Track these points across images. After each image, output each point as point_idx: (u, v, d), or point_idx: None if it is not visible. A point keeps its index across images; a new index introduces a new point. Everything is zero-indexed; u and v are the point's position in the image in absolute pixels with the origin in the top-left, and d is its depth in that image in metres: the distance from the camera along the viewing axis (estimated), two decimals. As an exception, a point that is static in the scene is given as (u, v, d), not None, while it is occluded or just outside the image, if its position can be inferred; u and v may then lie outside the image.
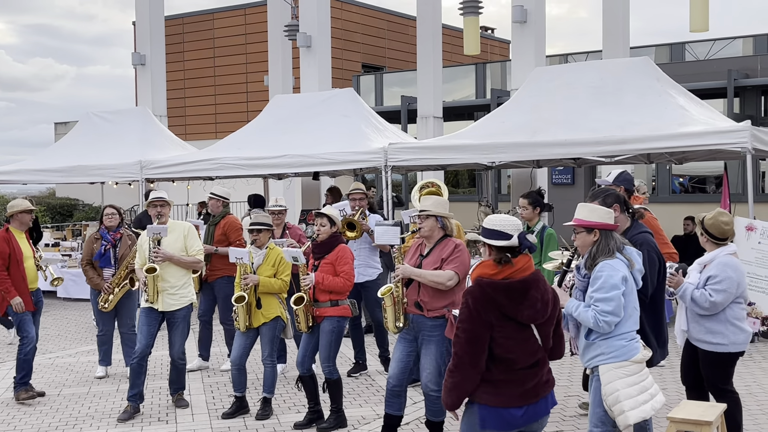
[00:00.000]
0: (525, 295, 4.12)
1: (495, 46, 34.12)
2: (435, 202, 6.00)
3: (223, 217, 9.03)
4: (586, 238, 4.87)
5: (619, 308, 4.64)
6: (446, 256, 5.85)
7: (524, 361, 4.15)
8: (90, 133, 15.42)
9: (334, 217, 6.78)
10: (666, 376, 8.12)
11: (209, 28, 29.92)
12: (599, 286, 4.67)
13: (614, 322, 4.65)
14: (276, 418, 7.05)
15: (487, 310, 4.07)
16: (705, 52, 22.20)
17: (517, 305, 4.10)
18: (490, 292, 4.09)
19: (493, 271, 4.15)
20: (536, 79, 11.92)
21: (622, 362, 4.69)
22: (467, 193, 24.63)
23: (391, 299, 5.97)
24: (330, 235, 6.73)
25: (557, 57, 24.30)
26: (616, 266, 4.70)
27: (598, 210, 4.87)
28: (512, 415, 4.12)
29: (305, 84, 16.54)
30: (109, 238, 8.45)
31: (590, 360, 4.80)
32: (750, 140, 9.39)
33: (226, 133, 16.05)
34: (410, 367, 6.06)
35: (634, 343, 4.74)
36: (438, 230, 5.97)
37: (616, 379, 4.67)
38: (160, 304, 7.31)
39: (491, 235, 4.20)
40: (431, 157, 11.67)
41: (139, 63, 18.56)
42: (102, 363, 8.82)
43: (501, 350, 4.11)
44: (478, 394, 4.15)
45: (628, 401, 4.62)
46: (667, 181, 20.34)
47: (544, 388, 4.22)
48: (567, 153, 10.87)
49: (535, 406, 4.17)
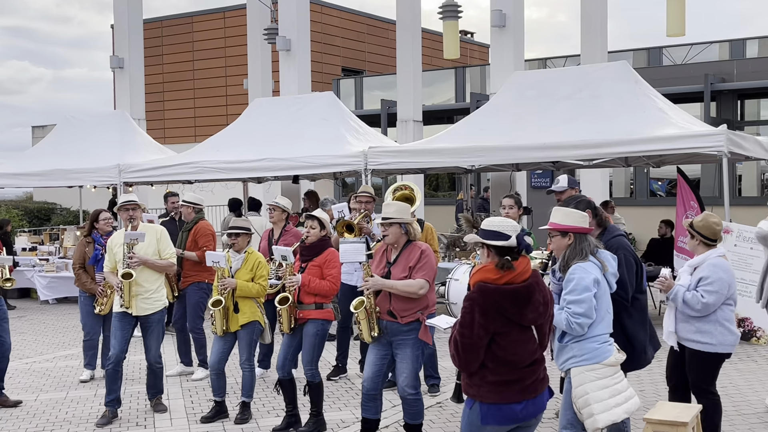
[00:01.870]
0: (530, 299, 4.14)
1: (474, 50, 34.24)
2: (398, 209, 6.00)
3: (196, 223, 9.01)
4: (560, 241, 4.89)
5: (590, 310, 4.66)
6: (414, 263, 5.86)
7: (525, 361, 4.18)
8: (68, 137, 15.32)
9: (324, 219, 6.77)
10: (643, 377, 8.17)
11: (188, 31, 29.82)
12: (571, 289, 4.70)
13: (586, 324, 4.67)
14: (255, 422, 7.03)
15: (492, 317, 4.08)
16: (682, 56, 22.40)
17: (521, 310, 4.12)
18: (497, 298, 4.09)
19: (496, 275, 4.14)
20: (514, 83, 11.98)
21: (593, 365, 4.69)
22: (447, 196, 24.68)
23: (365, 312, 5.98)
24: (319, 238, 6.72)
25: (536, 61, 24.42)
26: (588, 269, 4.73)
27: (573, 214, 4.91)
28: (512, 410, 4.16)
29: (285, 87, 16.53)
30: (102, 242, 8.37)
31: (563, 363, 4.82)
32: (726, 144, 9.49)
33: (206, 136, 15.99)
34: (384, 371, 6.06)
35: (606, 346, 4.75)
36: (402, 236, 5.98)
37: (587, 381, 4.68)
38: (134, 308, 7.26)
39: (489, 235, 4.21)
40: (411, 160, 11.71)
41: (118, 66, 18.46)
42: (88, 367, 8.75)
43: (504, 353, 4.12)
44: (480, 393, 4.17)
45: (598, 404, 4.62)
46: (645, 185, 20.50)
47: (541, 384, 4.27)
48: (546, 156, 10.94)
49: (533, 401, 4.22)
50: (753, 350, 9.44)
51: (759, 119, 20.68)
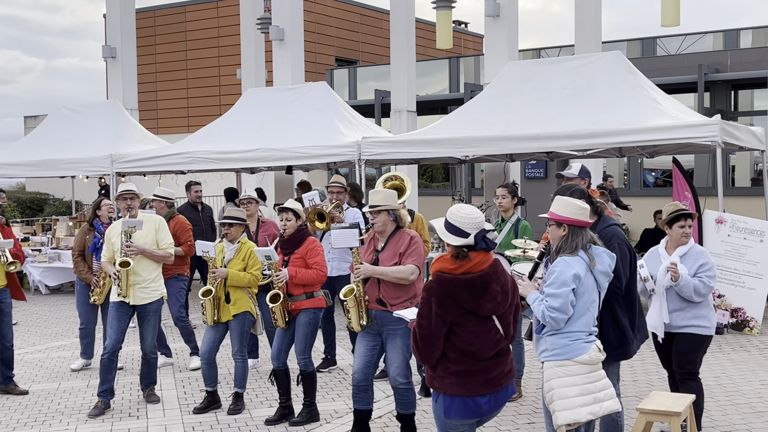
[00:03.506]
0: (486, 289, 4.13)
1: (468, 41, 34.19)
2: (385, 195, 5.99)
3: (171, 218, 8.89)
4: (555, 231, 4.84)
5: (566, 306, 4.56)
6: (403, 249, 5.86)
7: (487, 352, 4.17)
8: (60, 127, 15.25)
9: (299, 210, 6.74)
10: (636, 367, 8.19)
11: (181, 21, 29.69)
12: (551, 282, 4.62)
13: (561, 319, 4.57)
14: (248, 413, 7.02)
15: (448, 307, 4.08)
16: (676, 46, 22.39)
17: (478, 300, 4.11)
18: (452, 288, 4.09)
19: (453, 265, 4.14)
20: (508, 73, 11.95)
21: (563, 361, 4.59)
22: (441, 187, 24.67)
23: (354, 300, 5.96)
24: (296, 229, 6.70)
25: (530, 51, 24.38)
26: (572, 263, 4.63)
27: (572, 205, 4.79)
28: (477, 403, 4.15)
29: (278, 77, 16.47)
30: (103, 230, 8.34)
31: (539, 354, 4.78)
32: (720, 134, 9.49)
33: (198, 126, 15.95)
34: (374, 362, 6.06)
35: (579, 344, 4.61)
36: (391, 223, 5.98)
37: (554, 377, 4.60)
38: (131, 297, 7.24)
39: (450, 229, 4.20)
40: (405, 150, 11.68)
41: (110, 56, 18.36)
42: (83, 356, 8.76)
43: (462, 343, 4.13)
44: (443, 386, 4.17)
45: (561, 401, 4.53)
46: (639, 175, 20.51)
47: (507, 377, 4.26)
48: (540, 147, 10.93)
49: (497, 394, 4.21)
50: (746, 340, 9.46)
51: (753, 110, 20.70)
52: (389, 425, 6.56)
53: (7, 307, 7.85)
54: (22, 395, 7.77)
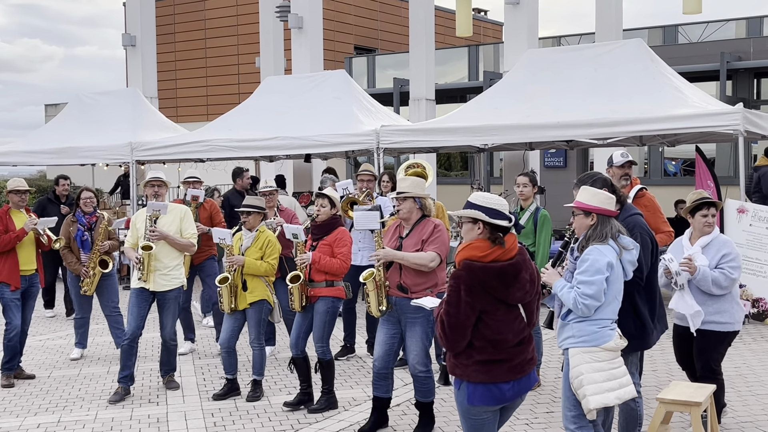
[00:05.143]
0: (516, 277, 4.12)
1: (488, 28, 34.01)
2: (412, 183, 5.98)
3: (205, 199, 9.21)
4: (583, 221, 4.85)
5: (599, 293, 4.60)
6: (426, 237, 5.85)
7: (512, 340, 4.17)
8: (80, 115, 15.31)
9: (335, 198, 6.74)
10: (656, 357, 8.14)
11: (200, 9, 29.72)
12: (584, 269, 4.65)
13: (593, 306, 4.61)
14: (267, 400, 7.05)
15: (478, 296, 4.06)
16: (698, 34, 22.17)
17: (508, 288, 4.10)
18: (482, 276, 4.07)
19: (483, 253, 4.12)
20: (528, 61, 11.88)
21: (591, 347, 4.64)
22: (459, 175, 24.61)
23: (374, 283, 5.96)
24: (330, 217, 6.70)
25: (550, 39, 24.23)
26: (604, 251, 4.67)
27: (600, 195, 4.84)
28: (500, 390, 4.15)
29: (297, 66, 16.46)
30: (84, 222, 8.42)
31: (563, 341, 4.79)
32: (742, 123, 9.39)
33: (218, 114, 15.96)
34: (395, 350, 6.06)
35: (606, 331, 4.68)
36: (417, 211, 5.97)
37: (582, 363, 4.64)
38: (151, 283, 7.28)
39: (494, 214, 4.17)
40: (423, 139, 11.64)
41: (130, 44, 18.41)
42: (78, 345, 8.86)
43: (490, 332, 4.12)
44: (467, 373, 4.16)
45: (591, 386, 4.59)
46: (659, 164, 20.36)
47: (529, 364, 4.26)
48: (560, 135, 10.86)
49: (520, 381, 4.21)
50: (767, 330, 9.38)
51: (775, 98, 20.48)
52: (407, 413, 6.57)
53: (35, 292, 7.98)
54: (29, 380, 7.85)
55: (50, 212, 10.60)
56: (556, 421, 6.31)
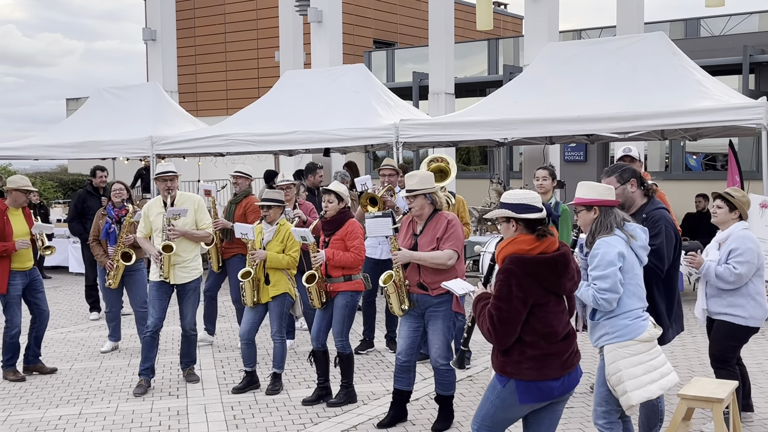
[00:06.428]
0: (567, 267, 4.11)
1: (508, 22, 33.85)
2: (420, 179, 5.96)
3: (246, 196, 8.85)
4: (586, 216, 4.82)
5: (616, 285, 4.56)
6: (441, 234, 5.84)
7: (561, 332, 4.13)
8: (101, 109, 15.40)
9: (342, 193, 6.75)
10: (677, 353, 8.09)
11: (220, 3, 29.75)
12: (596, 264, 4.61)
13: (613, 300, 4.57)
14: (286, 393, 7.07)
15: (530, 288, 4.02)
16: (720, 27, 21.94)
17: (560, 278, 4.09)
18: (533, 267, 4.04)
19: (530, 246, 4.08)
20: (548, 55, 11.81)
21: (626, 341, 4.59)
22: (479, 170, 24.54)
23: (394, 286, 5.97)
24: (338, 211, 6.71)
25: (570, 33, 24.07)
26: (612, 243, 4.63)
27: (597, 187, 4.82)
28: (550, 387, 4.10)
29: (316, 60, 16.45)
30: (113, 215, 8.45)
31: (597, 340, 4.75)
32: (765, 116, 9.28)
33: (237, 109, 16.00)
34: (418, 342, 6.08)
35: (639, 322, 4.64)
36: (428, 206, 5.97)
37: (619, 359, 4.59)
38: (172, 278, 7.33)
39: (521, 209, 4.14)
40: (443, 133, 11.61)
41: (150, 38, 18.49)
42: (111, 338, 8.87)
43: (541, 325, 4.07)
44: (519, 371, 4.08)
45: (631, 381, 4.54)
46: (681, 159, 20.20)
47: (576, 357, 4.22)
48: (580, 129, 10.79)
49: (569, 376, 4.17)
50: (790, 327, 9.29)
51: (799, 92, 20.26)
52: (426, 407, 6.56)
53: (40, 283, 7.93)
54: (51, 374, 7.87)
55: (91, 205, 10.49)
56: (575, 416, 6.29)
